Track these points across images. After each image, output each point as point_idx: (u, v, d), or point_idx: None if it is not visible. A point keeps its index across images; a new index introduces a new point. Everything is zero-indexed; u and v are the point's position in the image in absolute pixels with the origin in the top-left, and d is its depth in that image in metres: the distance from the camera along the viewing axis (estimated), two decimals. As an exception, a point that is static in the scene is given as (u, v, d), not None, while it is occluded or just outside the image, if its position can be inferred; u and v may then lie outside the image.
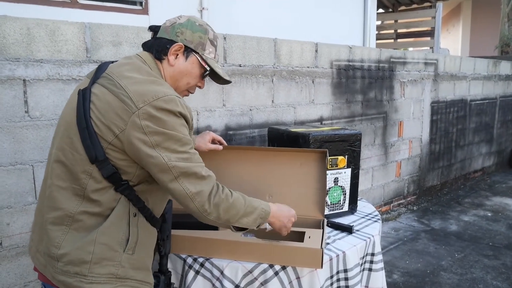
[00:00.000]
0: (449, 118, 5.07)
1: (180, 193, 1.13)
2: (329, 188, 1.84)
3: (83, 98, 1.16)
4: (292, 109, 3.16)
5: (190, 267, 1.43)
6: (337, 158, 1.84)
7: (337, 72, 3.48)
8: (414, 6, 8.04)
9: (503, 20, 8.27)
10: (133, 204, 1.18)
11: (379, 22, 7.94)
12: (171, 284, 1.41)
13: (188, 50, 1.29)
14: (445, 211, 4.53)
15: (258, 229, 1.32)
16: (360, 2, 5.67)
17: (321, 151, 1.65)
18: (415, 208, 4.62)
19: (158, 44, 1.28)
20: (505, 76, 6.15)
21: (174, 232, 1.48)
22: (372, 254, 1.66)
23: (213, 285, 1.40)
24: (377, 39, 7.31)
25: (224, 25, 4.02)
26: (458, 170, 5.50)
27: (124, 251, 1.16)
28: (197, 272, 1.42)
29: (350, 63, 3.60)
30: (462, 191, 5.33)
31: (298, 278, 1.40)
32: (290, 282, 1.40)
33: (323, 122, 3.45)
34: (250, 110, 2.89)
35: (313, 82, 3.29)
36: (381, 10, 8.24)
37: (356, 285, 1.51)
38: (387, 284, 2.80)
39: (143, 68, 1.22)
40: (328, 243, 1.59)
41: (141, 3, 3.49)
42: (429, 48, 7.65)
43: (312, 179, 1.64)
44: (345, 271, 1.51)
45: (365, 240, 1.63)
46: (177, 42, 1.27)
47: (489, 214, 4.42)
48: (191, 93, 1.39)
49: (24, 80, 1.93)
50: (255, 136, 2.94)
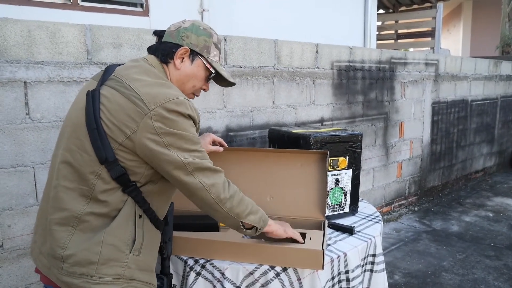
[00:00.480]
0: (450, 119, 5.07)
1: (196, 186, 1.17)
2: (330, 189, 1.84)
3: (92, 99, 1.18)
4: (292, 110, 3.16)
5: (191, 268, 1.43)
6: (338, 159, 1.84)
7: (338, 73, 3.48)
8: (415, 6, 8.04)
9: (504, 20, 8.26)
10: (139, 205, 1.20)
11: (379, 23, 7.94)
12: (172, 286, 1.42)
13: (193, 54, 1.32)
14: (447, 211, 4.52)
15: (257, 234, 1.33)
16: (361, 3, 5.67)
17: (321, 152, 1.65)
18: (416, 208, 4.61)
19: (163, 48, 1.30)
20: (506, 76, 6.14)
21: (176, 234, 1.48)
22: (374, 255, 1.66)
23: (214, 286, 1.40)
24: (378, 39, 7.31)
25: (225, 26, 4.02)
26: (459, 170, 5.50)
27: (130, 252, 1.17)
28: (198, 274, 1.42)
29: (351, 64, 3.60)
30: (464, 191, 5.32)
31: (299, 279, 1.40)
32: (291, 284, 1.39)
33: (324, 123, 3.45)
34: (251, 111, 2.90)
35: (313, 83, 3.29)
36: (381, 11, 8.24)
37: (357, 286, 1.51)
38: (389, 285, 2.80)
39: (151, 71, 1.25)
40: (329, 244, 1.59)
41: (141, 5, 3.49)
42: (429, 48, 7.65)
43: (313, 180, 1.64)
44: (346, 272, 1.51)
45: (366, 241, 1.62)
46: (182, 46, 1.30)
47: (491, 215, 4.41)
48: (197, 96, 1.42)
49: (25, 82, 1.93)
50: (255, 137, 2.94)
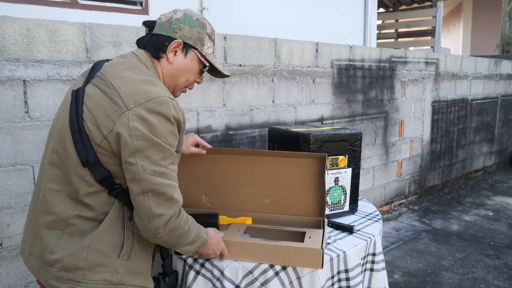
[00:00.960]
0: (450, 118, 5.06)
1: (142, 209, 1.08)
2: (330, 188, 1.84)
3: (76, 99, 1.13)
4: (292, 109, 3.16)
5: (191, 267, 1.43)
6: (338, 158, 1.83)
7: (338, 72, 3.48)
8: (415, 5, 8.04)
9: (504, 19, 8.25)
10: (128, 208, 1.15)
11: (379, 22, 7.93)
12: (176, 284, 1.39)
13: (187, 47, 1.26)
14: (446, 210, 4.52)
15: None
16: (361, 2, 5.66)
17: (320, 156, 1.60)
18: (416, 207, 4.61)
19: (155, 41, 1.24)
20: (506, 75, 6.13)
21: None
22: (374, 254, 1.66)
23: (214, 285, 1.39)
24: (378, 38, 7.31)
25: (225, 25, 4.01)
26: (459, 169, 5.49)
27: (118, 257, 1.13)
28: (198, 273, 1.41)
29: (351, 63, 3.59)
30: (463, 190, 5.32)
31: (298, 278, 1.40)
32: (291, 283, 1.39)
33: (324, 122, 3.44)
34: (251, 110, 2.89)
35: (313, 81, 3.28)
36: (381, 10, 8.24)
37: (357, 285, 1.50)
38: (389, 284, 2.79)
39: (138, 67, 1.19)
40: (328, 243, 1.59)
41: (141, 3, 3.49)
42: (430, 47, 7.64)
43: (311, 182, 1.63)
44: (346, 271, 1.50)
45: (366, 240, 1.62)
46: (175, 39, 1.23)
47: (491, 214, 4.41)
48: (190, 89, 1.37)
49: (24, 81, 1.93)
50: (255, 136, 2.94)
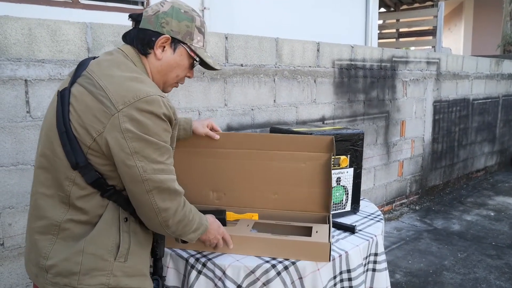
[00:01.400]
0: (451, 118, 5.06)
1: (148, 207, 1.08)
2: (332, 188, 1.83)
3: (62, 100, 1.10)
4: (294, 108, 3.16)
5: (193, 267, 1.42)
6: (340, 157, 1.83)
7: (339, 72, 3.48)
8: (416, 5, 8.02)
9: (506, 19, 8.24)
10: (124, 209, 1.13)
11: (380, 22, 7.92)
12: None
13: (175, 42, 1.21)
14: (448, 210, 4.51)
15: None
16: (362, 2, 5.66)
17: (327, 140, 1.58)
18: (417, 207, 4.61)
19: (142, 37, 1.19)
20: (508, 75, 6.13)
21: None
22: (376, 254, 1.65)
23: (216, 285, 1.39)
24: (379, 38, 7.30)
25: (226, 24, 4.01)
26: (460, 169, 5.49)
27: (115, 259, 1.11)
28: (200, 272, 1.41)
29: (352, 63, 3.59)
30: (465, 190, 5.31)
31: (300, 278, 1.39)
32: (293, 283, 1.39)
33: (325, 122, 3.44)
34: (252, 109, 2.89)
35: (315, 81, 3.28)
36: (382, 9, 8.22)
37: (359, 285, 1.50)
38: (390, 284, 2.79)
39: (125, 63, 1.15)
40: (330, 243, 1.58)
41: (142, 3, 3.49)
42: (431, 47, 7.63)
43: (319, 174, 1.62)
44: (348, 271, 1.50)
45: (367, 240, 1.62)
46: (163, 34, 1.18)
47: (492, 214, 4.40)
48: (181, 83, 1.33)
49: (25, 80, 1.93)
50: (257, 135, 2.94)
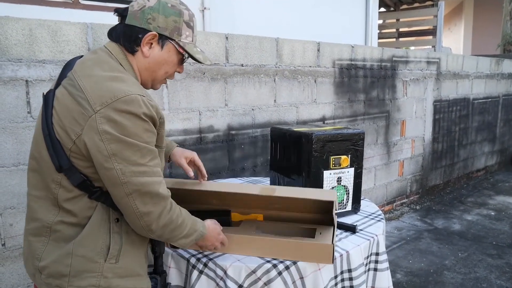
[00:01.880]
0: (451, 117, 5.06)
1: (129, 210, 1.05)
2: (332, 188, 1.83)
3: (45, 102, 1.09)
4: (294, 108, 3.16)
5: (194, 267, 1.42)
6: (340, 157, 1.83)
7: (339, 71, 3.48)
8: (416, 4, 8.02)
9: (506, 19, 8.24)
10: (114, 209, 1.11)
11: (380, 21, 7.92)
12: (166, 284, 1.36)
13: (163, 38, 1.16)
14: (448, 210, 4.51)
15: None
16: (362, 1, 5.66)
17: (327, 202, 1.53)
18: (418, 207, 4.61)
19: (128, 34, 1.14)
20: (508, 75, 6.13)
21: None
22: (377, 254, 1.65)
23: (217, 284, 1.39)
24: (379, 38, 7.30)
25: (226, 24, 4.02)
26: (460, 169, 5.49)
27: (105, 261, 1.09)
28: (201, 272, 1.41)
29: (352, 62, 3.59)
30: (465, 190, 5.31)
31: (301, 278, 1.40)
32: (294, 282, 1.39)
33: (326, 122, 3.44)
34: (253, 109, 2.89)
35: (315, 81, 3.28)
36: (382, 9, 8.22)
37: (361, 285, 1.50)
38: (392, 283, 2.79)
39: (107, 62, 1.11)
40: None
41: (142, 3, 3.49)
42: (431, 47, 7.63)
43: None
44: (349, 271, 1.50)
45: (368, 239, 1.62)
46: (149, 31, 1.14)
47: (492, 213, 4.40)
48: (170, 79, 1.30)
49: (26, 81, 1.93)
50: (257, 135, 2.94)
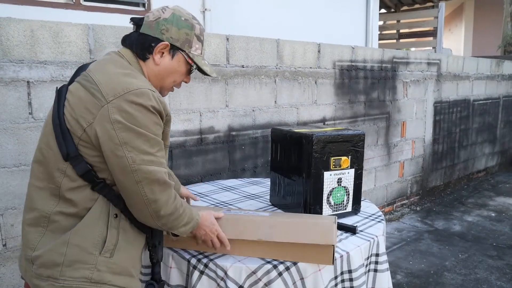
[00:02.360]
0: (452, 118, 5.06)
1: (137, 197, 1.08)
2: (333, 189, 1.84)
3: (59, 95, 1.15)
4: (295, 109, 3.16)
5: (195, 267, 1.43)
6: (341, 158, 1.83)
7: (340, 73, 3.48)
8: (417, 6, 8.03)
9: (506, 20, 8.25)
10: (114, 204, 1.13)
11: (381, 23, 7.93)
12: None
13: (174, 48, 1.24)
14: (449, 211, 4.51)
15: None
16: (363, 3, 5.67)
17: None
18: (418, 208, 4.61)
19: (142, 42, 1.22)
20: (508, 76, 6.13)
21: None
22: (377, 255, 1.66)
23: (218, 285, 1.39)
24: (379, 39, 7.31)
25: (227, 26, 4.02)
26: (461, 170, 5.49)
27: (100, 253, 1.10)
28: (202, 272, 1.42)
29: (353, 64, 3.60)
30: (466, 191, 5.31)
31: (302, 279, 1.40)
32: (294, 283, 1.39)
33: (326, 123, 3.45)
34: (253, 110, 2.90)
35: (315, 82, 3.29)
36: (383, 10, 8.23)
37: (361, 286, 1.50)
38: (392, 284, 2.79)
39: (121, 62, 1.19)
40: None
41: (143, 4, 3.50)
42: (431, 48, 7.64)
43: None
44: (350, 272, 1.50)
45: (369, 240, 1.62)
46: (162, 41, 1.22)
47: (493, 214, 4.40)
48: (177, 88, 1.36)
49: (28, 82, 1.94)
50: (258, 136, 2.95)
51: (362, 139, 1.87)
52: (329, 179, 1.79)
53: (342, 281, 1.51)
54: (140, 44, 1.22)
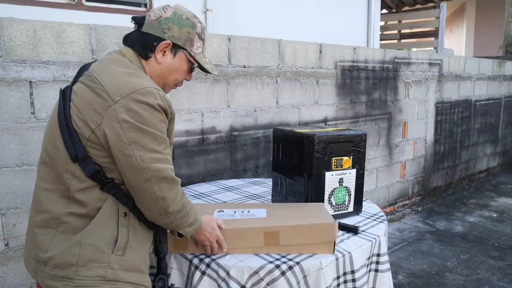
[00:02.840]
0: (453, 119, 5.06)
1: (146, 195, 1.11)
2: (334, 189, 1.84)
3: (63, 96, 1.15)
4: (296, 110, 3.16)
5: (196, 267, 1.43)
6: (342, 158, 1.84)
7: (341, 73, 3.48)
8: (418, 6, 8.02)
9: (508, 20, 8.24)
10: (123, 203, 1.15)
11: (382, 23, 7.93)
12: (170, 286, 1.37)
13: (176, 47, 1.25)
14: (450, 212, 4.51)
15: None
16: (364, 3, 5.67)
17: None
18: (419, 209, 4.61)
19: (143, 41, 1.23)
20: (510, 76, 6.12)
21: None
22: (378, 255, 1.66)
23: (219, 285, 1.40)
24: (381, 39, 7.30)
25: (229, 26, 4.03)
26: (462, 170, 5.48)
27: (112, 252, 1.11)
28: (203, 273, 1.42)
29: (354, 64, 3.60)
30: (467, 191, 5.31)
31: (305, 276, 1.40)
32: (298, 283, 1.40)
33: (328, 123, 3.45)
34: (255, 111, 2.90)
35: (317, 83, 3.29)
36: (384, 11, 8.23)
37: (363, 286, 1.51)
38: (393, 285, 2.79)
39: (123, 61, 1.19)
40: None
41: (145, 5, 3.50)
42: (433, 48, 7.63)
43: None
44: (353, 272, 1.50)
45: (370, 240, 1.62)
46: (164, 40, 1.23)
47: (494, 215, 4.40)
48: (179, 86, 1.37)
49: (30, 82, 1.94)
50: (259, 137, 2.95)
51: (364, 139, 1.87)
52: (331, 179, 1.80)
53: (345, 281, 1.51)
54: (142, 43, 1.23)
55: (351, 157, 1.86)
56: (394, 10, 8.23)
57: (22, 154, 1.95)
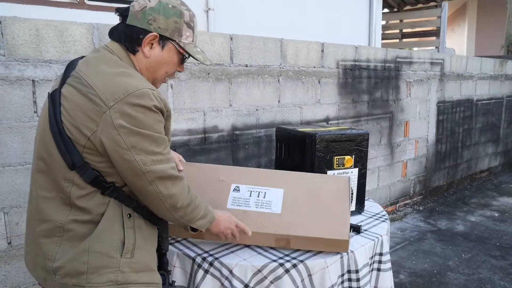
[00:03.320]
0: (455, 118, 5.05)
1: (152, 196, 1.10)
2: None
3: (53, 102, 1.10)
4: (298, 109, 3.16)
5: (199, 266, 1.43)
6: (344, 158, 1.84)
7: (343, 72, 3.48)
8: (420, 5, 8.01)
9: (509, 20, 8.22)
10: (126, 205, 1.13)
11: (384, 22, 7.92)
12: (171, 282, 1.37)
13: (163, 39, 1.18)
14: (452, 211, 4.51)
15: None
16: (366, 2, 5.66)
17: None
18: (421, 208, 4.60)
19: (129, 34, 1.16)
20: (512, 76, 6.12)
21: None
22: (381, 254, 1.66)
23: (222, 284, 1.40)
24: (382, 39, 7.29)
25: (230, 25, 4.03)
26: (464, 170, 5.48)
27: (121, 256, 1.11)
28: (206, 272, 1.42)
29: (356, 63, 3.59)
30: (469, 191, 5.30)
31: (310, 275, 1.40)
32: (302, 281, 1.40)
33: (329, 122, 3.45)
34: (257, 110, 2.90)
35: (319, 82, 3.29)
36: (386, 10, 8.22)
37: (365, 285, 1.51)
38: (394, 284, 2.79)
39: (112, 59, 1.14)
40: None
41: (147, 4, 3.50)
42: (434, 47, 7.62)
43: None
44: (356, 271, 1.51)
45: (373, 239, 1.62)
46: (150, 32, 1.16)
47: (496, 214, 4.39)
48: (172, 78, 1.33)
49: (33, 81, 1.95)
50: (261, 136, 2.95)
51: (366, 139, 1.87)
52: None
53: (349, 280, 1.51)
54: (128, 36, 1.17)
55: (353, 156, 1.86)
56: (395, 10, 8.22)
57: (25, 153, 1.96)
